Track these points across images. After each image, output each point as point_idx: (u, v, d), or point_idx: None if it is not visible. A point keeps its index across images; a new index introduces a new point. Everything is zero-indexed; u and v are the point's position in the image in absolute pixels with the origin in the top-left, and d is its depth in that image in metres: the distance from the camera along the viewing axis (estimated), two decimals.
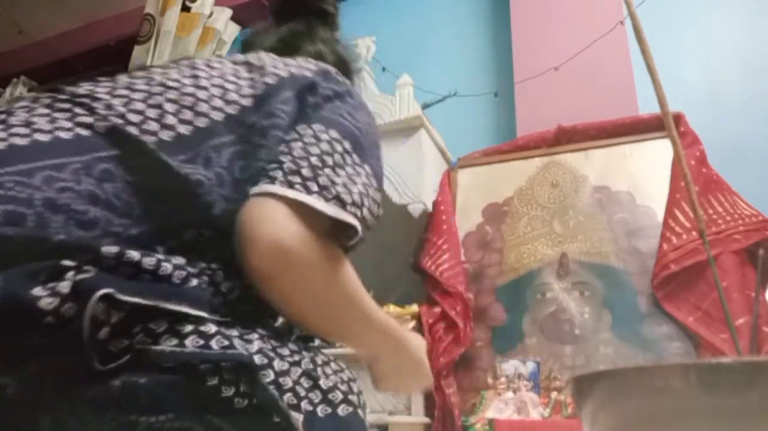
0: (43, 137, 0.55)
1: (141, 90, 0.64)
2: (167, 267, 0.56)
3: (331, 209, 0.59)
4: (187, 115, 0.62)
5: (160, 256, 0.57)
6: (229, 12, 2.59)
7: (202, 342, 0.54)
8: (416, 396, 1.35)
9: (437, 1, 2.29)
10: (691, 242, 1.27)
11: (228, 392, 0.55)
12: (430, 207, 1.53)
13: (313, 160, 0.61)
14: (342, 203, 0.60)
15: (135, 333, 0.53)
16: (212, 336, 0.56)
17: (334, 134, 0.66)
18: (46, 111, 0.59)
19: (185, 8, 2.45)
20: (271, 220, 0.58)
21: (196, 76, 0.67)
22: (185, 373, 0.54)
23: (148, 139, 0.59)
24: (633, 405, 0.40)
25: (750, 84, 1.69)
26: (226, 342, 0.55)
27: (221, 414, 0.56)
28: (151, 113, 0.61)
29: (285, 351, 0.65)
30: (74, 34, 3.14)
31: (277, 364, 0.61)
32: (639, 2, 1.63)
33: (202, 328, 0.56)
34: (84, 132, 0.57)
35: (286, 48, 0.83)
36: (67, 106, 0.60)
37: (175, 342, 0.54)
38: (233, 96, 0.66)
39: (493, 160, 1.66)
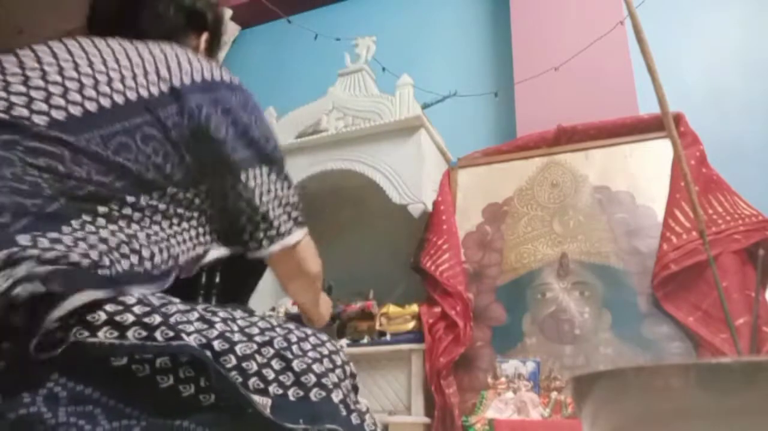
0: None
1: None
2: (93, 253, 0.57)
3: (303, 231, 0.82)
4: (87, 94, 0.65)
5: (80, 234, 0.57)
6: (229, 12, 2.58)
7: (145, 333, 0.54)
8: (416, 396, 1.35)
9: (437, 1, 2.29)
10: (691, 242, 1.27)
11: (188, 390, 0.55)
12: (430, 207, 1.53)
13: (277, 203, 0.77)
14: (302, 222, 0.82)
15: (71, 325, 0.51)
16: (156, 327, 0.55)
17: (265, 169, 0.76)
18: None
19: None
20: (299, 261, 0.83)
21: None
22: (140, 377, 0.53)
23: (40, 119, 0.61)
24: (633, 405, 0.40)
25: (750, 84, 1.69)
26: (171, 333, 0.55)
27: (189, 417, 0.55)
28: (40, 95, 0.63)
29: (254, 330, 0.65)
30: (74, 34, 3.13)
31: (240, 348, 0.61)
32: (639, 2, 1.63)
33: (146, 319, 0.56)
34: None
35: (121, 18, 0.83)
36: None
37: (115, 334, 0.53)
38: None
39: (493, 160, 1.67)
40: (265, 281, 0.93)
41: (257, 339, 0.65)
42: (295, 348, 0.67)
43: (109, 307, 0.54)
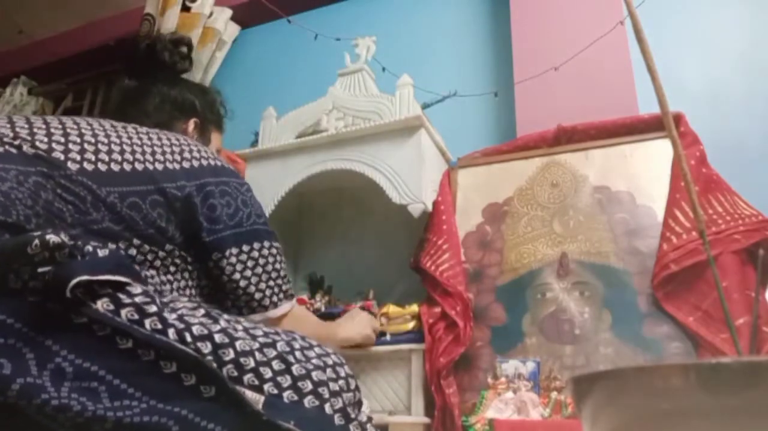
0: None
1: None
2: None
3: (290, 304, 0.94)
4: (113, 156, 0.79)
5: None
6: (229, 12, 2.59)
7: (137, 317, 0.59)
8: (416, 396, 1.35)
9: (437, 1, 2.29)
10: (691, 242, 1.27)
11: (189, 380, 0.59)
12: (430, 207, 1.53)
13: (264, 278, 0.88)
14: (290, 296, 0.95)
15: (81, 294, 0.57)
16: (149, 315, 0.60)
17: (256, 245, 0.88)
18: None
19: (185, 8, 2.45)
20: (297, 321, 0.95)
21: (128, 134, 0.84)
22: (144, 358, 0.58)
23: (72, 165, 0.72)
24: (633, 405, 0.40)
25: (750, 84, 1.69)
26: (160, 326, 0.59)
27: (188, 406, 0.59)
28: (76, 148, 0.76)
29: (258, 332, 0.69)
30: (74, 34, 3.14)
31: (240, 344, 0.65)
32: (639, 2, 1.63)
33: (143, 306, 0.60)
34: (13, 150, 0.68)
35: (119, 114, 0.99)
36: None
37: (111, 307, 0.58)
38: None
39: (493, 160, 1.66)
40: None
41: (260, 340, 0.68)
42: (297, 353, 0.70)
43: (116, 291, 0.60)
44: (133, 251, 0.73)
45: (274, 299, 0.88)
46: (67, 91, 3.20)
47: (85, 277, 0.55)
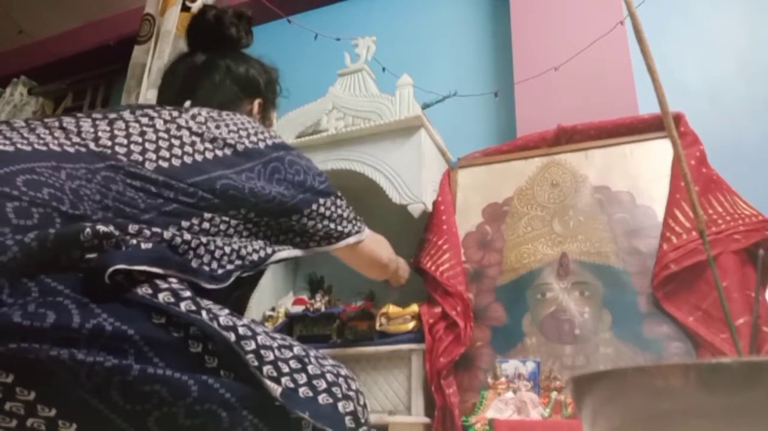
0: (56, 148, 0.71)
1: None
2: (178, 239, 0.72)
3: (364, 233, 1.11)
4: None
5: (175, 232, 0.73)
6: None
7: (173, 300, 0.64)
8: (416, 396, 1.35)
9: (437, 1, 2.29)
10: (691, 242, 1.27)
11: (212, 363, 0.64)
12: (430, 207, 1.53)
13: (339, 220, 1.04)
14: (361, 227, 1.10)
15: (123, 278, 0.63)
16: (184, 299, 0.65)
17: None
18: (47, 131, 0.75)
19: (185, 8, 2.44)
20: (367, 253, 1.14)
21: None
22: (175, 332, 0.63)
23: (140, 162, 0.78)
24: (633, 405, 0.40)
25: (750, 84, 1.69)
26: (194, 307, 0.65)
27: (213, 377, 0.64)
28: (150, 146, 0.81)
29: (276, 336, 0.74)
30: (74, 34, 3.13)
31: (261, 338, 0.70)
32: (639, 2, 1.63)
33: (179, 292, 0.66)
34: (82, 149, 0.74)
35: (185, 89, 1.04)
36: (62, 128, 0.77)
37: (150, 291, 0.64)
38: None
39: (493, 160, 1.66)
40: (265, 281, 0.96)
41: (278, 341, 0.73)
42: (312, 358, 0.76)
43: (155, 279, 0.65)
44: (206, 225, 0.78)
45: (350, 228, 1.05)
46: (67, 91, 3.20)
47: (122, 266, 0.61)
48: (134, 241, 0.66)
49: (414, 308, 1.45)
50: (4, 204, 0.59)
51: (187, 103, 0.97)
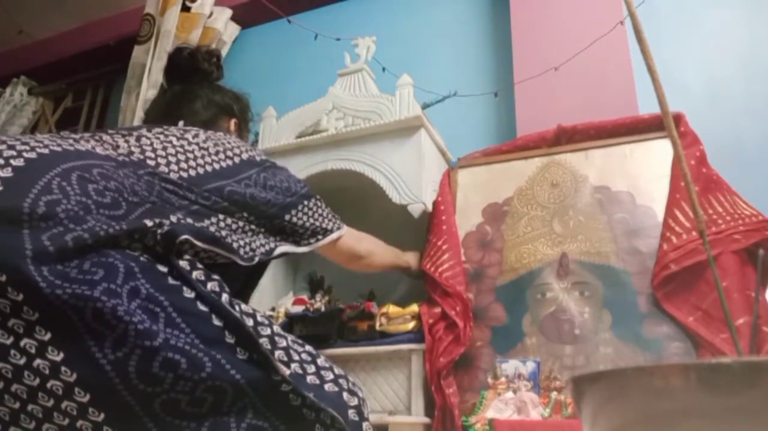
0: (111, 153, 0.88)
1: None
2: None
3: (342, 231, 1.24)
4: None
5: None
6: (229, 12, 2.59)
7: (203, 278, 0.76)
8: (416, 396, 1.35)
9: (437, 1, 2.29)
10: (691, 242, 1.27)
11: (230, 339, 0.73)
12: (430, 207, 1.53)
13: (319, 218, 1.18)
14: (339, 225, 1.24)
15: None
16: (213, 280, 0.76)
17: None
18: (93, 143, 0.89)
19: (185, 8, 2.45)
20: (347, 249, 1.28)
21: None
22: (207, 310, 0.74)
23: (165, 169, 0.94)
24: (633, 405, 0.40)
25: (750, 84, 1.69)
26: (218, 289, 0.76)
27: (225, 355, 0.72)
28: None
29: (290, 335, 0.82)
30: (74, 34, 3.13)
31: (276, 328, 0.80)
32: (639, 2, 1.63)
33: (213, 275, 0.77)
34: (127, 159, 0.89)
35: (170, 111, 1.21)
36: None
37: (188, 268, 0.76)
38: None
39: (493, 160, 1.66)
40: (265, 281, 1.00)
41: (293, 337, 0.82)
42: (322, 357, 0.84)
43: (195, 257, 0.80)
44: (222, 224, 0.93)
45: (329, 225, 1.18)
46: (67, 91, 3.21)
47: (189, 237, 0.77)
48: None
49: (414, 308, 1.45)
50: (86, 185, 0.74)
51: (181, 123, 1.12)
